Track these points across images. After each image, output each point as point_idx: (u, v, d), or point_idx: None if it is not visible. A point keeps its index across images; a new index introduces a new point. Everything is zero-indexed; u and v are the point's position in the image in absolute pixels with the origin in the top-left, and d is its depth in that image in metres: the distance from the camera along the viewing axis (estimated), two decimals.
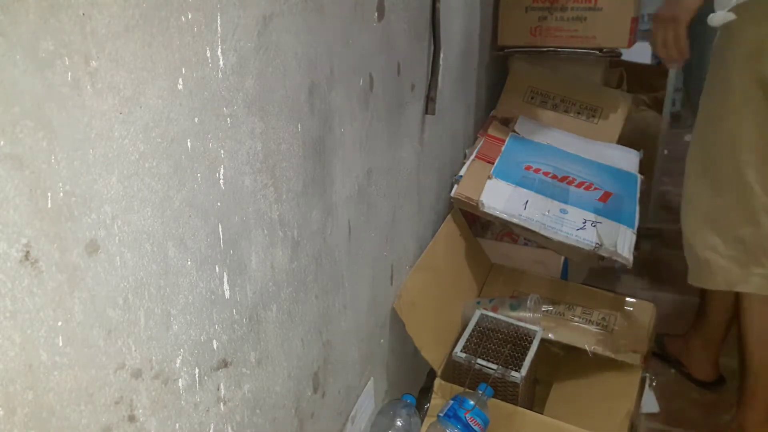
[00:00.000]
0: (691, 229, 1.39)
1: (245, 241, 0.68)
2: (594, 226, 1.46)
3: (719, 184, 1.31)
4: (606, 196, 1.55)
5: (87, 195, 0.47)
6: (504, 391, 1.27)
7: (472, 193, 1.50)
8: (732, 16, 1.19)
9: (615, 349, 1.38)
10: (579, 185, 1.57)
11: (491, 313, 1.40)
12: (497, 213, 1.47)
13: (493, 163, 1.57)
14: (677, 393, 1.57)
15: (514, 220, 1.46)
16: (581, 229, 1.46)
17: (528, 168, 1.59)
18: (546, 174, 1.58)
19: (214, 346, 0.65)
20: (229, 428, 0.70)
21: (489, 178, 1.53)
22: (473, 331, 1.36)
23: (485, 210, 1.47)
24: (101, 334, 0.50)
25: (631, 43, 1.74)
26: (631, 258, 1.40)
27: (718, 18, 1.21)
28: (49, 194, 0.43)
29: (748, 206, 1.27)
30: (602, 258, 1.47)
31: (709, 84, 1.32)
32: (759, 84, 1.20)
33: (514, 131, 1.69)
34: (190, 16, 0.54)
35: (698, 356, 1.58)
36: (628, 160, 1.70)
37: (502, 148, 1.62)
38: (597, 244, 1.41)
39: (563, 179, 1.58)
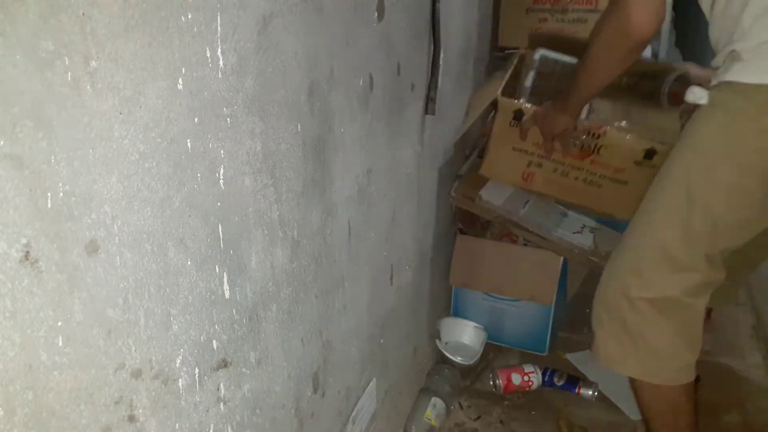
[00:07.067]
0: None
1: (245, 241, 0.68)
2: (592, 232, 1.48)
3: None
4: None
5: (87, 195, 0.47)
6: None
7: (472, 192, 1.50)
8: (705, 101, 1.02)
9: None
10: None
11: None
12: (496, 208, 1.47)
13: None
14: None
15: (513, 218, 1.46)
16: (577, 233, 1.49)
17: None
18: None
19: (214, 346, 0.65)
20: (229, 428, 0.70)
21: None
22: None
23: (483, 203, 1.47)
24: (101, 334, 0.50)
25: None
26: None
27: (693, 95, 1.04)
28: (49, 194, 0.43)
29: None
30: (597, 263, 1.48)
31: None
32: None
33: None
34: (190, 16, 0.54)
35: None
36: None
37: None
38: (591, 249, 1.42)
39: None
